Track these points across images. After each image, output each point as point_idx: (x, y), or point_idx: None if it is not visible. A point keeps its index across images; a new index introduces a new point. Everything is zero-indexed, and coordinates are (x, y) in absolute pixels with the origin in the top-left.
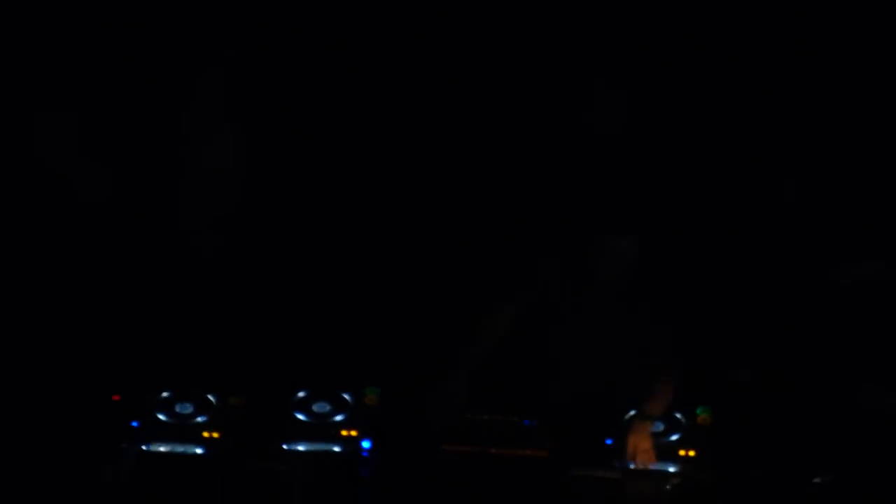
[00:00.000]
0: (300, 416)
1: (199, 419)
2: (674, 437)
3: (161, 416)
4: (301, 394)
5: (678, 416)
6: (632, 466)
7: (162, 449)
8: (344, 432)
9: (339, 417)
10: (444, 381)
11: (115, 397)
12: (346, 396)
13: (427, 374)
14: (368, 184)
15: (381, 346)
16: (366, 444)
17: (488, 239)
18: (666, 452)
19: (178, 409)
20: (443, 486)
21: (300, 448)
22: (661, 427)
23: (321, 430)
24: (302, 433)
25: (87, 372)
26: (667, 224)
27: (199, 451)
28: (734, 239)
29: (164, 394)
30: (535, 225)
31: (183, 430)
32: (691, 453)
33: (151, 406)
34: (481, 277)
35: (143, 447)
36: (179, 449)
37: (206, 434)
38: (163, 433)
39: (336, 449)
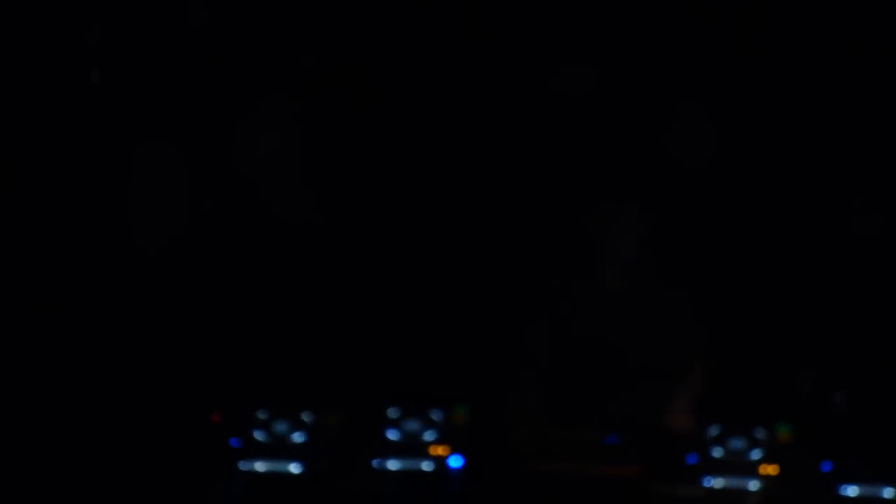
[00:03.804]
0: (390, 435)
1: (295, 437)
2: (754, 454)
3: (258, 435)
4: (392, 412)
5: (757, 434)
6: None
7: (258, 467)
8: (433, 450)
9: (428, 435)
10: (529, 398)
11: (216, 417)
12: (436, 414)
13: (511, 392)
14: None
15: (471, 363)
16: (454, 462)
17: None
18: (747, 469)
19: (274, 427)
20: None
21: (390, 466)
22: (742, 444)
23: (411, 448)
24: (392, 451)
25: (188, 392)
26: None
27: (293, 469)
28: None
29: (261, 413)
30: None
31: (279, 449)
32: (772, 470)
33: (249, 425)
34: (561, 295)
35: (241, 466)
36: (276, 467)
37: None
38: (260, 451)
39: (426, 467)
